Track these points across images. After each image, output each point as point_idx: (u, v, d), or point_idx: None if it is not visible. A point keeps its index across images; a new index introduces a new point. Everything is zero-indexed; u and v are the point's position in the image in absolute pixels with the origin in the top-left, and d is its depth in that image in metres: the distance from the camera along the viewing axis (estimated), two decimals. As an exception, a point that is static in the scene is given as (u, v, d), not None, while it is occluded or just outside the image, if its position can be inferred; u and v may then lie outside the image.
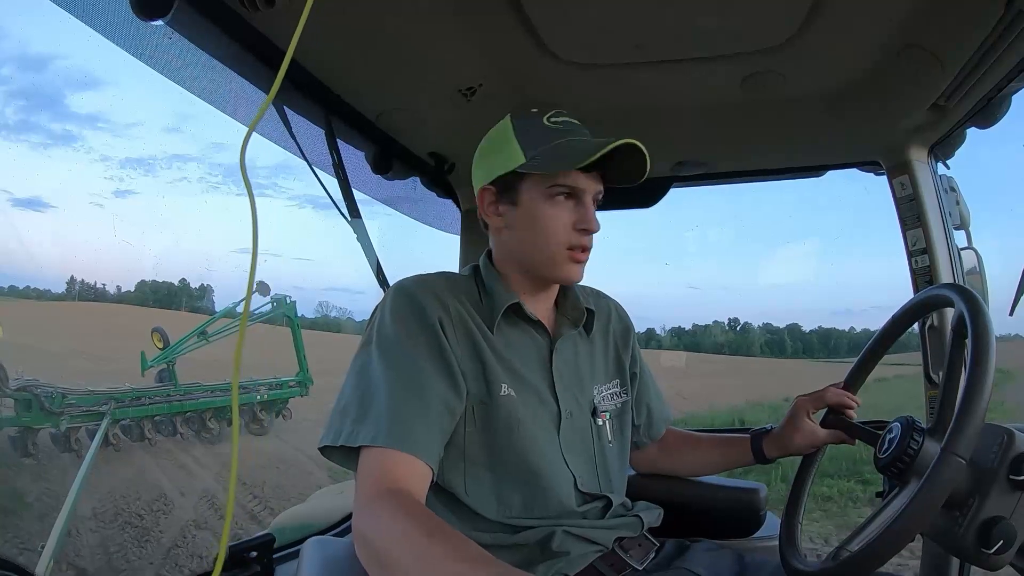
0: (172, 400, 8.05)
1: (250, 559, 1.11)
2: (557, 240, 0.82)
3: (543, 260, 0.84)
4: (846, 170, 1.64)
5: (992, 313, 0.74)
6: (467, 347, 0.80)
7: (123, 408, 7.51)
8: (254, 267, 0.51)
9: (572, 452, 0.85)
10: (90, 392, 7.55)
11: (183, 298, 46.98)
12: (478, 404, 0.79)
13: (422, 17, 1.02)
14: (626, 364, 1.00)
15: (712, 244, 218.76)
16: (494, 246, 0.90)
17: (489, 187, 0.84)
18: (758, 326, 74.35)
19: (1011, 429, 0.71)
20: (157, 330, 9.24)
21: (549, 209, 0.81)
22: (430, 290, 0.81)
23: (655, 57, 1.16)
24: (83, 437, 7.09)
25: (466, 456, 0.79)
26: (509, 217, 0.84)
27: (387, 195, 1.63)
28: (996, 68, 1.06)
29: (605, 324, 0.99)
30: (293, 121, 1.18)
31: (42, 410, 6.81)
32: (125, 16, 0.85)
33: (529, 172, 0.81)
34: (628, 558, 0.84)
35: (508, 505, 0.80)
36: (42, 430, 6.97)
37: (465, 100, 1.26)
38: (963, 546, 0.69)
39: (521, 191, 0.82)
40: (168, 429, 7.97)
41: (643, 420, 1.05)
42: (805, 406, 0.96)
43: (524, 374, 0.84)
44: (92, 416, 7.15)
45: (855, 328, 71.01)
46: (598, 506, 0.86)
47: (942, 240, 1.40)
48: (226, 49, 0.99)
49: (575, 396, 0.88)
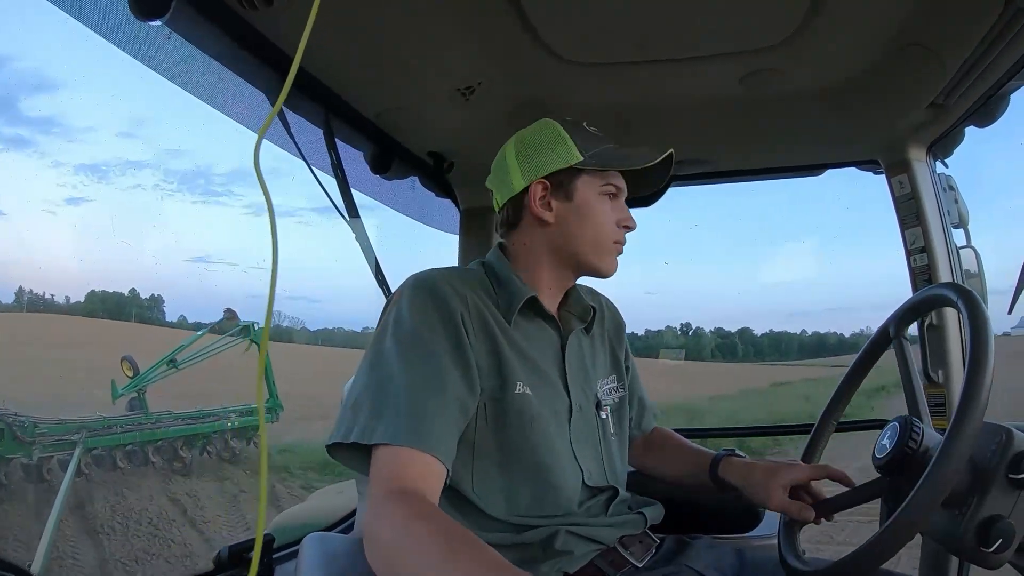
0: (144, 428, 8.02)
1: (250, 558, 1.11)
2: (607, 234, 0.88)
3: (593, 252, 0.88)
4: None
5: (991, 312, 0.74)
6: (485, 341, 0.80)
7: (95, 437, 7.44)
8: (274, 282, 0.49)
9: (581, 446, 0.86)
10: (61, 421, 7.48)
11: (132, 309, 46.67)
12: (490, 400, 0.79)
13: (421, 16, 1.02)
14: (621, 359, 1.02)
15: (676, 249, 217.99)
16: (528, 239, 0.90)
17: (543, 181, 0.87)
18: (710, 331, 74.90)
19: (1010, 428, 0.71)
20: (127, 359, 9.23)
21: (601, 205, 0.87)
22: (449, 282, 0.81)
23: (654, 56, 1.16)
24: (55, 467, 6.99)
25: (475, 453, 0.78)
26: (561, 211, 0.87)
27: (386, 194, 1.63)
28: (995, 66, 1.07)
29: (601, 321, 1.00)
30: (291, 121, 1.18)
31: (14, 439, 6.72)
32: (123, 16, 0.85)
33: (588, 169, 0.86)
34: (628, 555, 0.84)
35: (515, 503, 0.79)
36: (14, 460, 6.86)
37: (464, 99, 1.26)
38: (962, 545, 0.69)
39: (577, 187, 0.87)
40: (140, 459, 7.92)
41: (635, 413, 1.07)
42: (792, 476, 0.87)
43: (541, 367, 0.84)
44: (64, 445, 7.06)
45: (806, 331, 71.25)
46: (602, 499, 0.86)
47: (941, 239, 1.41)
48: (225, 49, 0.99)
49: (583, 390, 0.89)
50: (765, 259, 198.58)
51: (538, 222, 0.88)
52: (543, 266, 0.89)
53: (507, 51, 1.14)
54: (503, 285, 0.87)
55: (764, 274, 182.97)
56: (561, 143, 0.87)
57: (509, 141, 0.91)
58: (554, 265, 0.89)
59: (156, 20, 0.86)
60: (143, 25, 0.87)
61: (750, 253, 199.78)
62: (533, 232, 0.89)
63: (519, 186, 0.87)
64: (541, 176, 0.86)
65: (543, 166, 0.86)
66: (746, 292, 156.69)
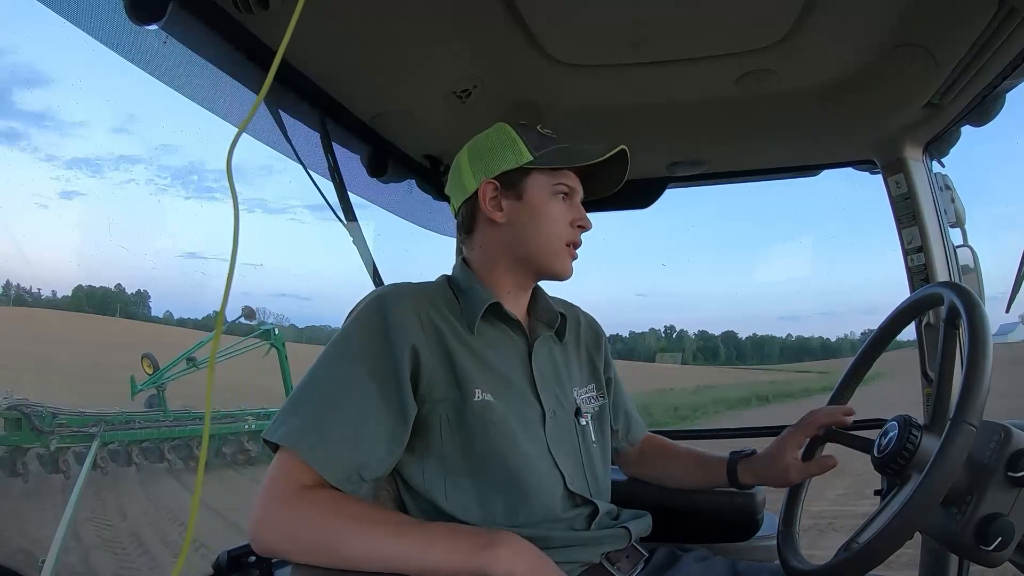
0: (161, 426, 8.09)
1: (249, 564, 1.11)
2: (559, 234, 0.88)
3: (544, 252, 0.88)
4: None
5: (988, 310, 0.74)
6: (440, 355, 0.79)
7: (112, 431, 7.50)
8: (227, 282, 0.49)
9: (560, 450, 0.84)
10: (80, 413, 7.55)
11: (117, 304, 46.42)
12: (452, 411, 0.78)
13: (417, 19, 1.02)
14: (600, 368, 1.01)
15: (667, 251, 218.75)
16: (483, 242, 0.90)
17: (493, 181, 0.87)
18: (693, 333, 75.14)
19: (1008, 426, 0.71)
20: (147, 356, 9.29)
21: (553, 205, 0.87)
22: (408, 305, 0.80)
23: (650, 57, 1.16)
24: (71, 459, 7.04)
25: (445, 463, 0.78)
26: (511, 211, 0.87)
27: (382, 198, 1.63)
28: (990, 65, 1.07)
29: (576, 331, 1.00)
30: (288, 124, 1.18)
31: (32, 429, 6.78)
32: (120, 21, 0.85)
33: (537, 168, 0.86)
34: (615, 571, 0.82)
35: (491, 511, 0.78)
36: (31, 449, 6.91)
37: (460, 102, 1.26)
38: (962, 543, 0.69)
39: (527, 186, 0.87)
40: (155, 455, 7.97)
41: (622, 425, 1.06)
42: (795, 439, 0.93)
43: (505, 373, 0.83)
44: (81, 437, 7.13)
45: (791, 335, 71.83)
46: (584, 512, 0.84)
47: (937, 238, 1.41)
48: (221, 53, 0.99)
49: (556, 396, 0.88)
50: (759, 261, 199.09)
51: (490, 223, 0.88)
52: (500, 268, 0.89)
53: (503, 54, 1.14)
54: (465, 293, 0.87)
55: (759, 275, 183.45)
56: (511, 144, 0.87)
57: (464, 147, 0.92)
58: (510, 267, 0.89)
59: (152, 25, 0.86)
60: (139, 29, 0.87)
61: (744, 255, 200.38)
62: (487, 233, 0.90)
63: (471, 187, 0.88)
64: (491, 176, 0.87)
65: (493, 167, 0.87)
66: (738, 295, 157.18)
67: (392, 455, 0.75)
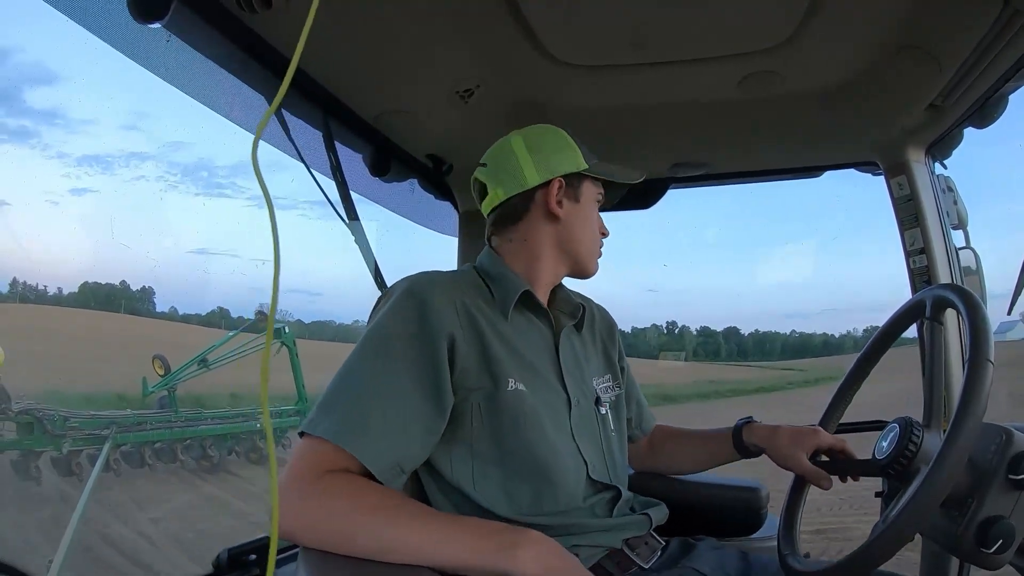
0: (173, 427, 8.04)
1: (249, 562, 1.11)
2: (596, 237, 0.96)
3: (588, 252, 0.95)
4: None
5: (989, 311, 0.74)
6: (475, 343, 0.80)
7: (124, 433, 7.47)
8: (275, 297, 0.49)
9: (583, 439, 0.86)
10: (93, 416, 7.53)
11: (121, 301, 46.35)
12: (484, 399, 0.79)
13: (420, 19, 1.02)
14: (615, 359, 1.04)
15: (681, 248, 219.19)
16: (530, 234, 0.91)
17: (561, 179, 0.91)
18: (695, 329, 74.89)
19: (1009, 428, 0.71)
20: (158, 357, 9.27)
21: (594, 211, 0.96)
22: (442, 292, 0.80)
23: (652, 58, 1.16)
24: (84, 461, 7.03)
25: (474, 452, 0.79)
26: (569, 210, 0.92)
27: (385, 197, 1.63)
28: (993, 68, 1.07)
29: (591, 322, 1.02)
30: (290, 123, 1.18)
31: (44, 433, 6.76)
32: (122, 19, 0.85)
33: (590, 176, 0.93)
34: (635, 556, 0.84)
35: (517, 501, 0.79)
36: (44, 453, 6.88)
37: (463, 102, 1.26)
38: (962, 546, 0.69)
39: (583, 191, 0.94)
40: (168, 456, 7.94)
41: (634, 414, 1.08)
42: (796, 440, 0.93)
43: (535, 362, 0.85)
44: (94, 440, 7.10)
45: (795, 331, 71.49)
46: (606, 497, 0.86)
47: (940, 240, 1.40)
48: (224, 52, 0.99)
49: (579, 385, 0.90)
50: (764, 260, 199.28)
51: (548, 217, 0.91)
52: (542, 261, 0.92)
53: (506, 54, 1.14)
54: (496, 281, 0.88)
55: (763, 275, 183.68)
56: (570, 148, 0.93)
57: (511, 137, 0.94)
58: (554, 261, 0.93)
59: (155, 23, 0.86)
60: (142, 28, 0.87)
61: (749, 254, 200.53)
62: (539, 226, 0.92)
63: (534, 180, 0.90)
64: (554, 176, 0.91)
65: (559, 165, 0.91)
66: (745, 293, 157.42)
67: (430, 446, 0.76)
